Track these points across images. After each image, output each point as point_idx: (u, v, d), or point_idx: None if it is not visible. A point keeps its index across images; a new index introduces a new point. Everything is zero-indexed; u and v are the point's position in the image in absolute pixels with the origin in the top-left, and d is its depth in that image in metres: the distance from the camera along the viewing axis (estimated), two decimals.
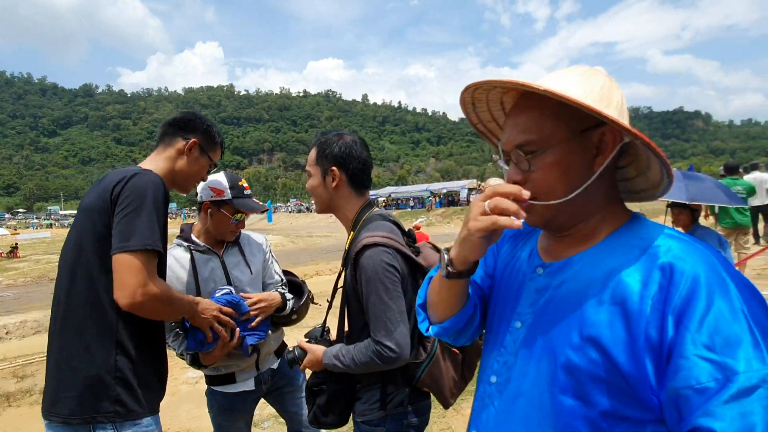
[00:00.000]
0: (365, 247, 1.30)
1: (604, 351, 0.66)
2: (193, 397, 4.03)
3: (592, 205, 0.76)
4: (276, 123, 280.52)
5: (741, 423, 0.54)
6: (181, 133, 1.53)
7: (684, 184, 3.53)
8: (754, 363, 0.56)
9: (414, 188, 50.57)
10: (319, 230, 31.04)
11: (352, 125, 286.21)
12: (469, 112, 0.88)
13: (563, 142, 0.72)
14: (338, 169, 1.42)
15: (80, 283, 1.29)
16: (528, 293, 0.82)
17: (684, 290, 0.61)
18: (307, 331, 1.54)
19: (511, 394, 0.78)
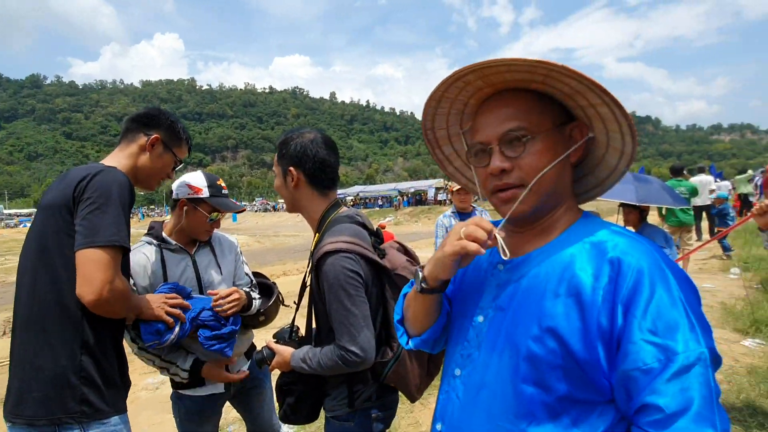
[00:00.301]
0: (326, 254, 1.29)
1: (561, 340, 0.70)
2: (153, 404, 3.87)
3: (559, 198, 0.81)
4: (240, 119, 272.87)
5: (681, 397, 0.60)
6: (143, 129, 1.50)
7: (634, 186, 3.78)
8: (690, 344, 0.62)
9: (382, 187, 50.67)
10: (286, 229, 30.52)
11: (320, 123, 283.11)
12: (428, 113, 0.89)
13: (548, 131, 0.78)
14: (295, 169, 1.41)
15: (43, 282, 1.25)
16: (490, 289, 0.85)
17: (630, 281, 0.67)
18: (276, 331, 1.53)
19: (474, 386, 0.81)
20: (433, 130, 0.93)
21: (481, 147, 0.81)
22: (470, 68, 0.75)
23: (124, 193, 1.31)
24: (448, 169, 1.01)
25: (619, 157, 0.82)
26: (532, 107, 0.78)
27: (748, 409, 2.76)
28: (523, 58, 0.70)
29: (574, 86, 0.75)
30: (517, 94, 0.79)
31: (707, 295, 5.64)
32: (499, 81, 0.79)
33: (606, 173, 0.87)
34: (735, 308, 4.75)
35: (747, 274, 6.39)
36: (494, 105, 0.81)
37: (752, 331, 4.17)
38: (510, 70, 0.74)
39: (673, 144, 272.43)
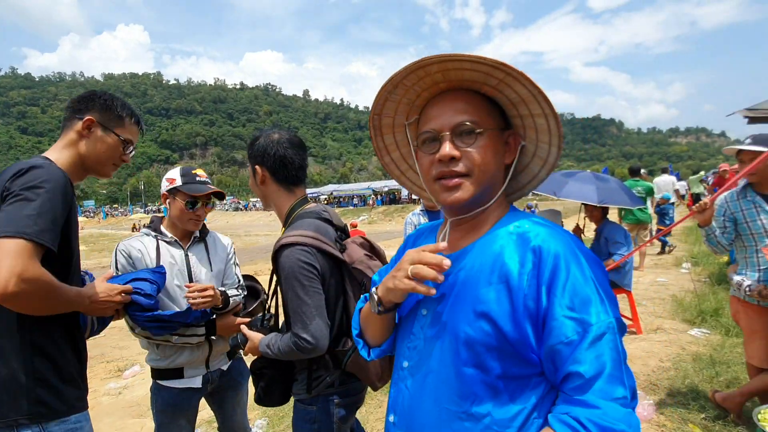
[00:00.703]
0: (283, 246, 1.37)
1: (494, 323, 0.77)
2: (115, 409, 3.77)
3: (493, 194, 0.88)
4: (210, 116, 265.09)
5: (597, 363, 0.70)
6: (77, 113, 1.41)
7: (596, 186, 4.00)
8: (601, 315, 0.73)
9: (356, 186, 50.60)
10: (258, 229, 29.98)
11: (293, 121, 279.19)
12: (382, 97, 0.91)
13: (494, 131, 0.85)
14: (260, 167, 1.50)
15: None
16: (432, 283, 0.89)
17: (550, 265, 0.75)
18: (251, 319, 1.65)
19: (421, 375, 0.87)
20: (380, 116, 0.97)
21: (432, 135, 0.85)
22: (437, 58, 0.78)
23: (56, 189, 1.21)
24: (385, 159, 1.05)
25: (541, 166, 0.92)
26: (482, 107, 0.85)
27: (691, 393, 2.99)
28: (491, 58, 0.76)
29: (523, 95, 0.82)
30: (470, 93, 0.86)
31: (661, 289, 6.00)
32: (457, 78, 0.84)
33: (527, 179, 0.96)
34: (684, 300, 5.07)
35: (696, 269, 6.84)
36: (448, 98, 0.86)
37: (698, 321, 4.48)
38: (472, 68, 0.79)
39: (635, 146, 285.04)
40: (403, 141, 1.02)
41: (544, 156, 0.90)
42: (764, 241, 2.41)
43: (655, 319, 4.72)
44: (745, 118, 5.45)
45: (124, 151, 1.50)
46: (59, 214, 1.22)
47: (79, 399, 1.35)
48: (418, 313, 0.92)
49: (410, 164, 1.06)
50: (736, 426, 2.56)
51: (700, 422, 2.65)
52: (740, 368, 3.19)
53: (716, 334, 4.09)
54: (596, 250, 4.27)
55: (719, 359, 3.45)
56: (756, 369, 2.56)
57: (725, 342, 3.80)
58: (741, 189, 2.57)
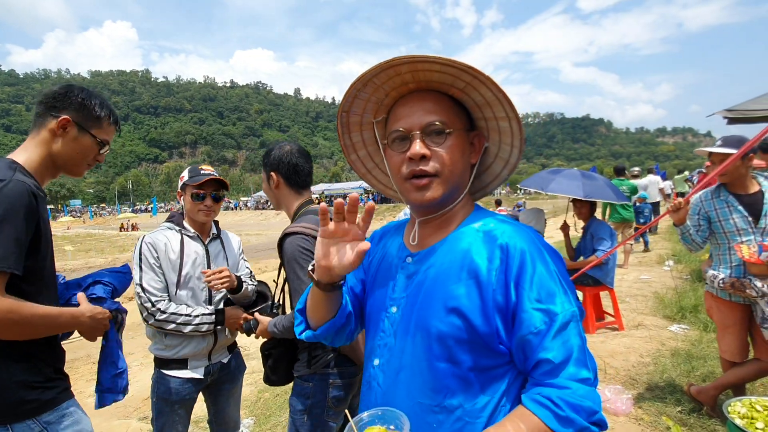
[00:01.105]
0: (286, 235, 1.62)
1: (464, 317, 0.80)
2: (101, 411, 3.73)
3: (460, 193, 0.91)
4: (200, 114, 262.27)
5: (564, 349, 0.76)
6: (51, 111, 1.33)
7: (581, 182, 4.09)
8: (566, 305, 0.78)
9: (347, 185, 50.51)
10: (249, 228, 29.83)
11: (284, 120, 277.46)
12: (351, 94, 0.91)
13: (461, 131, 0.88)
14: (275, 173, 1.77)
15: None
16: (401, 280, 0.93)
17: (517, 261, 0.80)
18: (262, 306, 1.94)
19: (393, 371, 0.88)
20: (348, 113, 0.97)
21: (402, 134, 0.87)
22: (407, 58, 0.80)
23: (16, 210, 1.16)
24: (351, 157, 1.06)
25: (503, 166, 0.96)
26: (450, 108, 0.88)
27: (669, 388, 3.07)
28: (458, 60, 0.77)
29: (489, 98, 0.85)
30: (437, 94, 0.88)
31: (644, 286, 6.12)
32: (426, 79, 0.86)
33: (490, 179, 1.01)
34: (665, 297, 5.19)
35: (678, 266, 6.98)
36: (417, 99, 0.88)
37: (678, 317, 4.59)
38: (441, 70, 0.81)
39: (624, 145, 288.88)
40: (370, 139, 1.03)
41: (506, 157, 0.94)
42: (736, 239, 2.48)
43: (637, 316, 4.82)
44: (725, 118, 5.60)
45: (99, 151, 1.45)
46: (22, 234, 1.18)
47: (65, 390, 1.37)
48: (388, 311, 0.93)
49: (376, 162, 1.07)
50: (709, 418, 2.64)
51: (675, 415, 2.73)
52: (716, 363, 3.28)
53: (695, 329, 4.19)
54: (583, 246, 4.36)
55: (696, 354, 3.54)
56: (729, 363, 2.65)
57: (702, 337, 3.90)
58: (714, 188, 2.64)
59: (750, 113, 5.04)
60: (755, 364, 2.56)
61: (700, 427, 2.58)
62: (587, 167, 28.23)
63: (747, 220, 2.45)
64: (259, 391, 3.78)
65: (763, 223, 2.42)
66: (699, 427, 2.59)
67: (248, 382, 4.06)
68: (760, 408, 1.91)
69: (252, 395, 3.72)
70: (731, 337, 2.59)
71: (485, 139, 0.94)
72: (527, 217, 4.33)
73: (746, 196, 2.50)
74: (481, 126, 0.94)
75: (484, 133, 0.94)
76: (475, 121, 0.94)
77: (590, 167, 8.85)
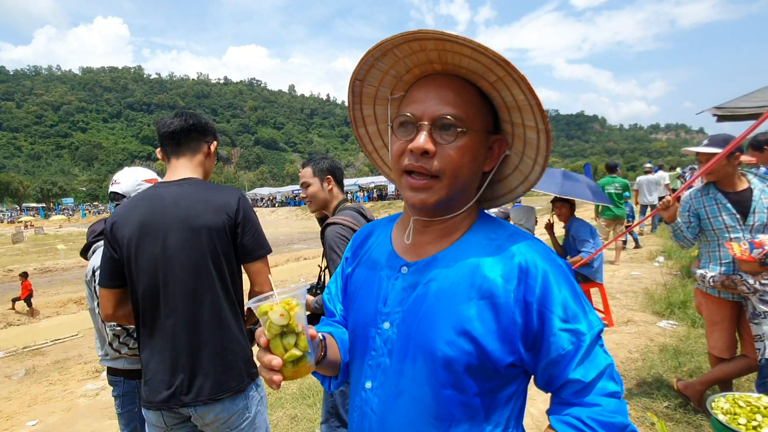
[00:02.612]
0: (327, 225, 1.98)
1: (476, 341, 0.73)
2: (92, 411, 3.73)
3: (466, 200, 0.81)
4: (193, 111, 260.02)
5: (592, 367, 0.72)
6: (202, 138, 1.64)
7: (561, 181, 4.13)
8: (593, 323, 0.74)
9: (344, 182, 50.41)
10: None
11: (279, 117, 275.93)
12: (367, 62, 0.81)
13: (479, 132, 0.76)
14: (332, 177, 2.17)
15: (211, 289, 1.48)
16: (395, 293, 0.82)
17: (540, 282, 0.73)
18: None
19: (390, 396, 0.79)
20: (362, 83, 0.86)
21: (411, 119, 0.76)
22: (436, 34, 0.69)
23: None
24: (359, 131, 0.96)
25: (521, 181, 0.85)
26: (474, 103, 0.76)
27: (656, 383, 3.10)
28: (494, 50, 0.67)
29: (520, 101, 0.74)
30: (465, 84, 0.77)
31: (634, 282, 6.17)
32: (454, 63, 0.75)
33: (504, 191, 0.89)
34: (655, 293, 5.23)
35: (669, 263, 7.04)
36: (438, 84, 0.77)
37: (667, 313, 4.63)
38: (472, 56, 0.71)
39: (618, 142, 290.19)
40: (382, 116, 0.91)
41: (527, 172, 0.83)
42: (725, 237, 2.51)
43: (627, 312, 4.86)
44: (714, 116, 5.65)
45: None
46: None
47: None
48: (379, 327, 0.83)
49: (385, 142, 0.95)
50: (696, 414, 2.67)
51: (662, 410, 2.75)
52: (703, 358, 3.32)
53: (683, 325, 4.23)
54: (567, 246, 4.40)
55: (684, 350, 3.58)
56: (716, 358, 2.68)
57: (691, 333, 3.94)
58: (703, 187, 2.66)
59: (739, 111, 5.09)
60: (742, 360, 2.58)
61: (686, 423, 2.61)
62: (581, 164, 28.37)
63: (735, 217, 2.47)
64: None
65: (751, 221, 2.44)
66: (685, 422, 2.62)
67: None
68: (743, 404, 1.94)
69: None
70: (719, 333, 2.61)
71: (507, 146, 0.82)
72: (517, 215, 4.35)
73: (734, 193, 2.52)
74: (506, 130, 0.82)
75: (507, 139, 0.82)
76: (501, 123, 0.82)
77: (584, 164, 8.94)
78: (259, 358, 0.71)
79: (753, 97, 5.50)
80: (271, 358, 0.69)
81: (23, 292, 9.02)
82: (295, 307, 0.70)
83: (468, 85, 0.77)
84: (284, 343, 0.70)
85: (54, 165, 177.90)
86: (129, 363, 1.88)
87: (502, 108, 0.79)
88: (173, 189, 1.49)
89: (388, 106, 0.88)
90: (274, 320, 0.68)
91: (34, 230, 32.62)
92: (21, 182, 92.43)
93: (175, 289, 1.44)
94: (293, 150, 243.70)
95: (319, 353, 0.84)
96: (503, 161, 0.84)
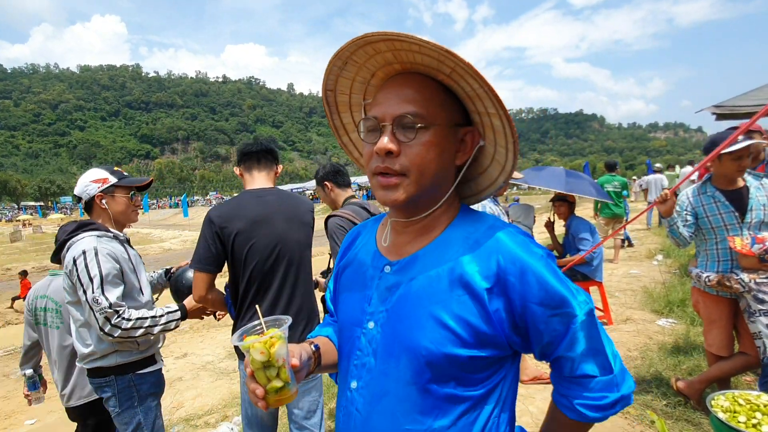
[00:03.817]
0: (329, 217, 2.25)
1: (460, 338, 0.72)
2: None
3: (441, 196, 0.80)
4: (192, 109, 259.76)
5: (585, 343, 0.75)
6: (274, 161, 2.08)
7: (565, 179, 4.15)
8: (582, 304, 0.75)
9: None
10: None
11: (278, 115, 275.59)
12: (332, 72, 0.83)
13: (443, 126, 0.76)
14: (328, 182, 2.47)
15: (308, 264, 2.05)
16: (379, 293, 0.83)
17: (518, 276, 0.72)
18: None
19: (375, 396, 0.79)
20: (334, 92, 0.88)
21: (374, 123, 0.77)
22: (381, 35, 0.71)
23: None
24: (343, 139, 0.97)
25: (500, 171, 0.84)
26: (434, 97, 0.76)
27: (655, 381, 3.10)
28: (433, 42, 0.67)
29: (476, 89, 0.74)
30: (425, 80, 0.77)
31: (633, 281, 6.18)
32: (409, 60, 0.76)
33: (486, 183, 0.88)
34: (654, 292, 5.24)
35: (668, 261, 7.05)
36: (398, 83, 0.77)
37: (666, 311, 4.63)
38: (421, 51, 0.71)
39: (616, 141, 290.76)
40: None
41: (502, 161, 0.82)
42: (723, 234, 2.51)
43: (626, 310, 4.87)
44: (713, 114, 5.65)
45: None
46: None
47: None
48: (364, 326, 0.83)
49: None
50: (695, 412, 2.67)
51: (661, 408, 2.76)
52: (702, 356, 3.32)
53: (682, 323, 4.24)
54: (567, 244, 4.41)
55: (683, 348, 3.59)
56: (714, 356, 2.68)
57: (689, 331, 3.94)
58: (701, 184, 2.66)
59: (737, 109, 5.10)
60: (740, 358, 2.59)
61: (685, 420, 2.62)
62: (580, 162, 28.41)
63: (734, 215, 2.47)
64: None
65: (749, 218, 2.44)
66: (684, 420, 2.62)
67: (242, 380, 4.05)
68: (743, 402, 1.94)
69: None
70: (717, 331, 2.61)
71: (480, 137, 0.81)
72: (516, 213, 4.36)
73: (732, 191, 2.52)
74: (476, 121, 0.81)
75: (479, 129, 0.81)
76: (471, 115, 0.82)
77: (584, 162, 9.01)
78: (247, 384, 0.76)
79: (752, 95, 5.50)
80: (255, 387, 0.74)
81: (23, 290, 9.00)
82: (276, 343, 0.74)
83: (429, 80, 0.77)
84: (267, 374, 0.74)
85: (52, 163, 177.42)
86: (121, 357, 1.84)
87: (466, 99, 0.79)
88: (272, 194, 1.97)
89: (362, 112, 0.88)
90: (255, 357, 0.73)
91: (32, 229, 32.58)
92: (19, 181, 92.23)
93: (288, 259, 1.92)
94: (292, 149, 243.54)
95: (311, 366, 0.87)
96: (480, 153, 0.83)
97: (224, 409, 3.45)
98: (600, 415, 0.77)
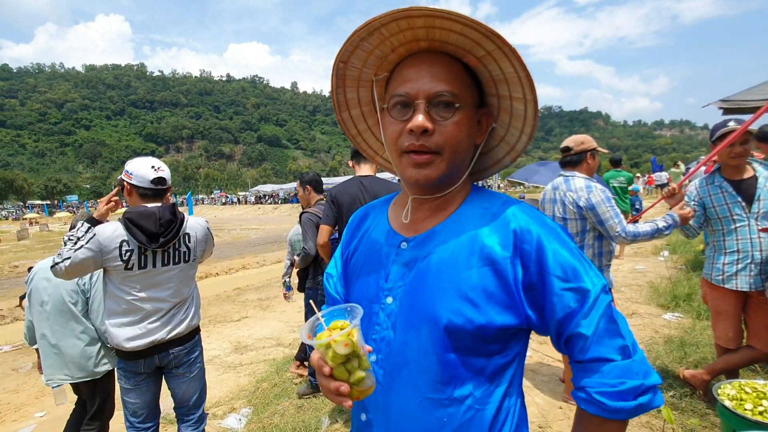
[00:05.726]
0: (302, 214, 3.22)
1: (479, 307, 0.74)
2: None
3: (461, 173, 0.82)
4: (196, 108, 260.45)
5: (597, 321, 0.72)
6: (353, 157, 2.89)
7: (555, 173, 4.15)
8: (594, 279, 0.74)
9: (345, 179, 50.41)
10: (247, 223, 29.78)
11: (282, 114, 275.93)
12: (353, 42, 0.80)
13: (470, 107, 0.78)
14: (309, 186, 3.44)
15: None
16: (396, 268, 0.84)
17: (534, 245, 0.74)
18: None
19: (395, 367, 0.80)
20: (345, 64, 0.85)
21: (405, 100, 0.76)
22: (426, 11, 0.68)
23: None
24: (343, 115, 0.96)
25: (507, 152, 0.87)
26: (462, 78, 0.78)
27: (662, 373, 3.10)
28: (484, 23, 0.68)
29: (508, 74, 0.75)
30: (452, 60, 0.78)
31: (639, 276, 6.16)
32: (441, 39, 0.75)
33: (491, 162, 0.91)
34: (660, 287, 5.22)
35: (674, 256, 7.02)
36: (428, 61, 0.77)
37: (672, 306, 4.62)
38: (462, 31, 0.72)
39: (621, 138, 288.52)
40: (366, 98, 0.92)
41: (512, 142, 0.85)
42: (730, 225, 2.50)
43: (632, 305, 4.86)
44: (720, 109, 5.61)
45: None
46: None
47: None
48: (382, 302, 0.84)
49: (369, 125, 0.97)
50: (700, 403, 2.67)
51: (668, 399, 2.76)
52: (708, 349, 3.32)
53: (688, 317, 4.23)
54: None
55: (689, 341, 3.58)
56: (722, 349, 2.68)
57: (695, 325, 3.93)
58: (709, 175, 2.66)
59: (745, 103, 5.06)
60: (748, 350, 2.58)
61: (691, 411, 2.62)
62: None
63: (741, 205, 2.47)
64: (257, 381, 3.81)
65: (756, 208, 2.43)
66: (690, 410, 2.62)
67: (247, 372, 4.08)
68: (749, 390, 1.94)
69: (250, 385, 3.74)
70: (725, 324, 2.61)
71: (493, 119, 0.84)
72: None
73: (740, 181, 2.51)
74: (492, 104, 0.83)
75: (493, 112, 0.84)
76: (486, 97, 0.83)
77: None
78: (324, 386, 0.72)
79: (759, 89, 5.46)
80: (338, 386, 0.70)
81: None
82: (354, 331, 0.70)
83: (455, 61, 0.78)
84: (348, 367, 0.70)
85: (58, 162, 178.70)
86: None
87: (488, 81, 0.80)
88: (368, 179, 2.75)
89: (373, 88, 0.87)
90: (339, 351, 0.68)
91: (38, 227, 32.88)
92: (25, 180, 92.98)
93: None
94: (296, 147, 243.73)
95: None
96: (489, 134, 0.86)
97: (231, 402, 3.48)
98: (620, 404, 0.71)
